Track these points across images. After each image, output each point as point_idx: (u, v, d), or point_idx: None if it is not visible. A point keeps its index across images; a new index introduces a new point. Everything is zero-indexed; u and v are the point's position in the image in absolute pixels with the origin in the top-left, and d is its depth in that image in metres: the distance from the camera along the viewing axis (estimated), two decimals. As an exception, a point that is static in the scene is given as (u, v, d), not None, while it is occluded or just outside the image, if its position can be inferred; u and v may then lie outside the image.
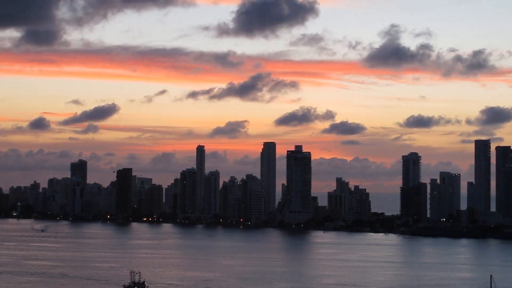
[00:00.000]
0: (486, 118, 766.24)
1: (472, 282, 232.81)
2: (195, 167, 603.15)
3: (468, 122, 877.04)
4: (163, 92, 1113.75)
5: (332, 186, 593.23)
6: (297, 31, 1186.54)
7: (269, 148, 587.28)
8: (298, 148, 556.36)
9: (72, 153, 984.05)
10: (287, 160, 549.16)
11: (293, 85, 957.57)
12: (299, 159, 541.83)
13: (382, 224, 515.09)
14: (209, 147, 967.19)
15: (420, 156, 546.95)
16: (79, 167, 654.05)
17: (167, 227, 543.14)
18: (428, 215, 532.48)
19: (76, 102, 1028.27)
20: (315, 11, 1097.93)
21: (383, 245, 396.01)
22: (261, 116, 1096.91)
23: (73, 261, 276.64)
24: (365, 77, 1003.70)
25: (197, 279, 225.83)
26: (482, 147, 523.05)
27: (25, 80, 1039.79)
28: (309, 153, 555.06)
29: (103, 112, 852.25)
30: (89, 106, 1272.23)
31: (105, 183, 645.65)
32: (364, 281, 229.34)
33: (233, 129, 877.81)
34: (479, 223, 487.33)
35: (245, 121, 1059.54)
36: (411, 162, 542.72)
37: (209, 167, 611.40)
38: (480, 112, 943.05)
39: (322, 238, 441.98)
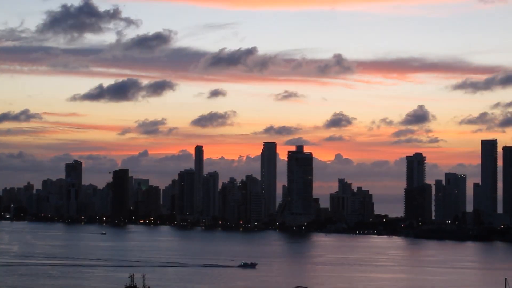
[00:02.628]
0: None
1: (482, 286, 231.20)
2: (193, 167, 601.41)
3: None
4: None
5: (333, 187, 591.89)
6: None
7: (269, 149, 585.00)
8: (299, 148, 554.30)
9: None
10: (288, 161, 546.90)
11: (170, 85, 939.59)
12: (300, 160, 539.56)
13: (385, 226, 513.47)
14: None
15: (424, 157, 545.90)
16: (74, 168, 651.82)
17: (164, 229, 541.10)
18: (433, 217, 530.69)
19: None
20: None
21: (387, 248, 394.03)
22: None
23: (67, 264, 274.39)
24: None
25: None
26: (488, 147, 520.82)
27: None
28: (310, 154, 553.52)
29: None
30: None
31: (101, 185, 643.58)
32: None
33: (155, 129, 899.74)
34: (485, 225, 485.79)
35: (164, 119, 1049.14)
36: (415, 162, 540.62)
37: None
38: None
39: (325, 241, 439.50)
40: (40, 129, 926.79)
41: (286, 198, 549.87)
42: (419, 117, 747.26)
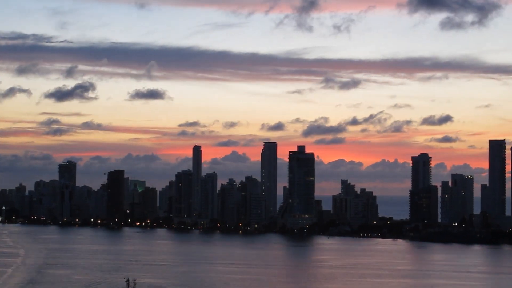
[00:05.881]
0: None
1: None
2: (191, 168, 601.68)
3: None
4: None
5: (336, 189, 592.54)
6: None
7: (270, 149, 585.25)
8: (301, 148, 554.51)
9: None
10: (289, 162, 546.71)
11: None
12: (301, 160, 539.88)
13: (390, 229, 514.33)
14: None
15: (430, 157, 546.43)
16: (68, 169, 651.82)
17: (161, 232, 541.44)
18: (439, 220, 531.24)
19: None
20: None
21: (391, 251, 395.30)
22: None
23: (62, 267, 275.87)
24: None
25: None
26: (497, 147, 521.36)
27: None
28: (312, 154, 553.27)
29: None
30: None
31: (96, 186, 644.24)
32: None
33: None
34: (493, 228, 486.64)
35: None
36: (421, 163, 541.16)
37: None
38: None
39: (328, 245, 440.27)
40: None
41: (287, 200, 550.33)
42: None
